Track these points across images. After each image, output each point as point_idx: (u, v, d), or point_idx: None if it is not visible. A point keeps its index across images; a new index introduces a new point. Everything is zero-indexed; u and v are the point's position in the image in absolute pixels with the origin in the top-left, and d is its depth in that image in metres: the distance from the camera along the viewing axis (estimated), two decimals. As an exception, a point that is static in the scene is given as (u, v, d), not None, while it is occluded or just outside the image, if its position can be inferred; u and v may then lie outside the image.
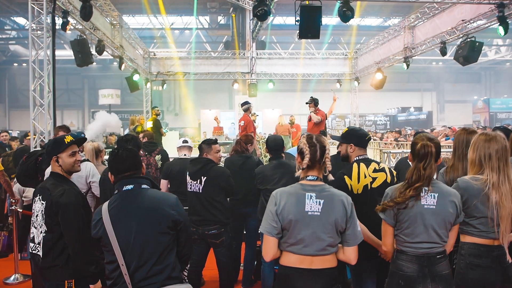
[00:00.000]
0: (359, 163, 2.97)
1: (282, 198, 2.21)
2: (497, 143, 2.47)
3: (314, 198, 2.19)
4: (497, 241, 2.45)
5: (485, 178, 2.44)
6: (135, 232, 2.15)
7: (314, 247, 2.18)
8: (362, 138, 3.04)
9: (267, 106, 20.66)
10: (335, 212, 2.19)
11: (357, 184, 2.90)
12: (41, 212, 2.61)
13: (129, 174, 2.30)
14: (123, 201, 2.22)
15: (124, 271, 2.12)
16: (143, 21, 25.41)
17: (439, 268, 2.34)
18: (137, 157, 2.37)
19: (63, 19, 8.19)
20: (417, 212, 2.33)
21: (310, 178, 2.26)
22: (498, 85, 35.49)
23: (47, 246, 2.58)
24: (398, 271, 2.39)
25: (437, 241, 2.34)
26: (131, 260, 2.13)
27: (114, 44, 11.90)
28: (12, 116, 31.43)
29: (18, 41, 27.66)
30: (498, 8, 8.59)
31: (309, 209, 2.18)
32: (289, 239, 2.21)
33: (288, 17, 24.51)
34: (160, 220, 2.19)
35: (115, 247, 2.13)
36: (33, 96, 7.63)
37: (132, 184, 2.26)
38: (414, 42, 12.71)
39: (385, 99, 29.40)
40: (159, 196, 2.29)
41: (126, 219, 2.17)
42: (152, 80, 16.10)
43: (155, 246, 2.16)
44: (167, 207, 2.23)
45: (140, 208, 2.19)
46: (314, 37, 7.90)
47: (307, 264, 2.19)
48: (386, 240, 2.45)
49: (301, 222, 2.17)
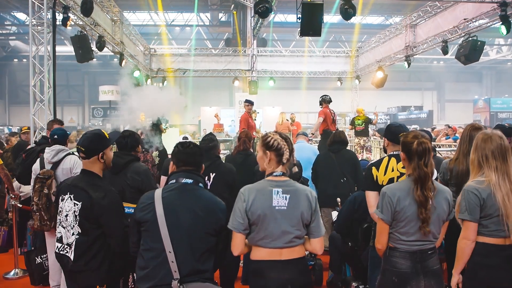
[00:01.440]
0: (391, 157, 3.06)
1: (250, 195, 2.26)
2: (493, 142, 2.46)
3: (280, 193, 2.26)
4: (508, 240, 2.42)
5: (487, 178, 2.44)
6: (187, 225, 2.18)
7: (282, 240, 2.26)
8: (394, 134, 3.07)
9: (267, 104, 20.61)
10: (300, 206, 2.28)
11: (383, 176, 2.99)
12: (73, 212, 2.49)
13: (191, 168, 2.35)
14: (181, 192, 2.26)
15: (171, 258, 2.12)
16: (144, 18, 25.38)
17: (431, 264, 2.38)
18: (203, 155, 2.45)
19: (63, 15, 8.17)
20: (414, 212, 2.33)
21: (276, 174, 2.32)
22: (499, 84, 35.45)
23: (80, 249, 2.49)
24: (392, 268, 2.40)
25: (430, 239, 2.38)
26: (178, 250, 2.14)
27: (115, 40, 11.88)
28: (12, 112, 31.41)
29: (18, 37, 27.57)
30: (500, 7, 8.55)
31: (276, 204, 2.25)
32: (258, 234, 2.27)
33: (289, 14, 24.47)
34: (211, 221, 2.24)
35: (163, 233, 2.14)
36: (33, 91, 7.63)
37: (192, 179, 2.32)
38: (416, 40, 12.68)
39: (385, 98, 29.34)
40: (213, 198, 2.35)
41: (180, 210, 2.21)
42: (153, 77, 16.07)
43: (201, 244, 2.20)
44: (219, 211, 2.29)
45: (196, 204, 2.24)
46: (316, 34, 7.88)
47: (276, 256, 2.26)
48: (382, 239, 2.45)
49: (269, 217, 2.24)
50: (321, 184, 5.01)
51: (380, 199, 2.43)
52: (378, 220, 2.43)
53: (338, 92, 17.23)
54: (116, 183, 3.57)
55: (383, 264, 2.49)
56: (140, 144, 3.90)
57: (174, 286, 2.10)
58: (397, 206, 2.35)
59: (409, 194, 2.36)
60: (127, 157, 3.61)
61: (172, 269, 2.11)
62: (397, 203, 2.35)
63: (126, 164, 3.58)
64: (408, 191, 2.36)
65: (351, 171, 4.97)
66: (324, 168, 5.04)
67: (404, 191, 2.38)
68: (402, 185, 2.41)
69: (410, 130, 2.94)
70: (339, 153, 5.08)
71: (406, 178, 2.46)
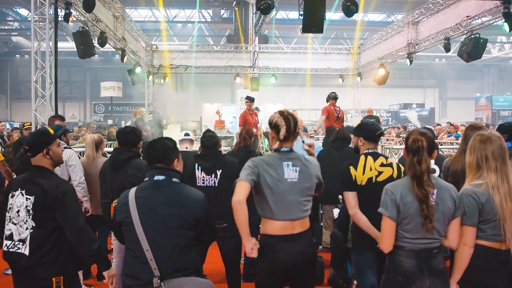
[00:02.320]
0: (367, 156, 3.02)
1: (259, 164, 2.37)
2: (492, 143, 2.42)
3: (291, 166, 2.40)
4: (504, 244, 2.40)
5: (485, 181, 2.40)
6: (161, 223, 2.21)
7: (296, 212, 2.40)
8: (371, 132, 3.08)
9: (269, 101, 20.59)
10: (310, 177, 2.45)
11: (362, 176, 2.94)
12: (25, 207, 2.49)
13: (162, 165, 2.36)
14: (153, 191, 2.29)
15: (150, 256, 2.17)
16: (146, 14, 25.33)
17: (436, 263, 2.35)
18: (171, 149, 2.42)
19: (65, 11, 8.15)
20: (417, 208, 2.31)
21: (284, 149, 2.45)
22: (501, 82, 35.32)
23: (35, 243, 2.47)
24: (397, 266, 2.37)
25: (435, 237, 2.34)
26: (155, 248, 2.18)
27: (117, 37, 11.87)
28: (14, 108, 31.45)
29: (20, 33, 27.55)
30: (503, 4, 8.49)
31: (288, 176, 2.38)
32: (272, 205, 2.37)
33: (291, 11, 24.38)
34: (186, 215, 2.24)
35: (139, 233, 2.19)
36: (35, 87, 7.63)
37: (163, 176, 2.32)
38: (418, 38, 12.65)
39: (387, 95, 29.29)
40: (187, 191, 2.34)
41: (154, 208, 2.24)
42: (154, 73, 16.06)
43: (179, 239, 2.23)
44: (192, 204, 2.28)
45: (167, 200, 2.26)
46: (318, 31, 7.85)
47: (289, 230, 2.39)
48: (389, 239, 2.37)
49: (282, 189, 2.35)
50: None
51: (383, 197, 2.41)
52: (384, 218, 2.38)
53: (340, 89, 17.05)
54: (117, 179, 3.57)
55: (387, 263, 2.46)
56: (141, 140, 3.90)
57: (155, 283, 2.15)
58: (401, 202, 2.33)
59: (411, 190, 2.34)
60: (128, 153, 3.60)
61: (152, 267, 2.16)
62: (400, 199, 2.34)
63: (127, 160, 3.57)
64: (410, 187, 2.35)
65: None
66: (326, 164, 4.99)
67: (406, 187, 2.36)
68: (405, 182, 2.40)
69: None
70: (342, 150, 5.05)
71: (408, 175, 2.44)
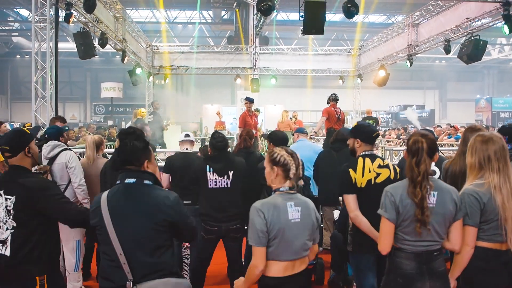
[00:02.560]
0: (364, 158, 3.02)
1: (268, 210, 2.29)
2: (495, 143, 2.42)
3: (293, 206, 2.35)
4: (504, 245, 2.40)
5: (487, 181, 2.40)
6: (133, 226, 2.18)
7: (298, 252, 2.36)
8: (369, 134, 3.09)
9: (269, 102, 20.60)
10: (311, 217, 2.40)
11: (361, 178, 2.95)
12: (4, 208, 2.46)
13: (132, 167, 2.31)
14: (124, 194, 2.24)
15: (123, 260, 2.14)
16: (146, 15, 25.35)
17: (436, 265, 2.33)
18: (141, 151, 2.34)
19: (66, 11, 8.16)
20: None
21: (283, 189, 2.38)
22: (501, 84, 35.34)
23: (17, 242, 2.44)
24: (397, 268, 2.36)
25: (436, 239, 2.33)
26: (128, 252, 2.16)
27: (117, 37, 11.87)
28: (14, 108, 31.43)
29: (21, 33, 27.57)
30: (503, 6, 8.53)
31: (292, 217, 2.33)
32: (277, 249, 2.31)
33: (291, 13, 24.41)
34: (158, 217, 2.21)
35: (112, 238, 2.15)
36: (35, 88, 7.64)
37: (134, 178, 2.27)
38: (418, 39, 12.67)
39: (387, 97, 29.29)
40: (158, 193, 2.28)
41: (124, 212, 2.20)
42: (155, 74, 16.07)
43: (152, 242, 2.19)
44: (165, 206, 2.23)
45: (139, 203, 2.21)
46: (318, 33, 7.85)
47: (290, 270, 2.34)
48: (387, 241, 2.37)
49: (287, 230, 2.30)
50: (322, 182, 4.98)
51: (382, 199, 2.40)
52: (383, 220, 2.38)
53: (340, 90, 17.06)
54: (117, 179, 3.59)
55: (387, 265, 2.45)
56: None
57: (128, 287, 2.13)
58: (400, 204, 2.32)
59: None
60: None
61: (125, 271, 2.14)
62: (400, 201, 2.32)
63: None
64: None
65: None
66: (326, 166, 5.01)
67: (406, 189, 2.35)
68: (405, 184, 2.39)
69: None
70: (341, 151, 5.03)
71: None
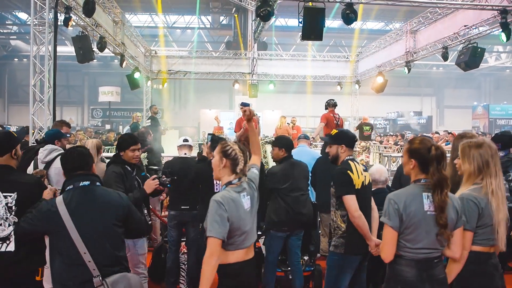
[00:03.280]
0: (353, 162, 3.14)
1: (228, 204, 2.38)
2: (490, 148, 2.46)
3: (245, 196, 2.51)
4: (493, 248, 2.44)
5: (484, 186, 2.41)
6: (94, 224, 2.37)
7: (252, 238, 2.56)
8: (352, 139, 3.30)
9: (267, 108, 20.64)
10: (257, 203, 2.60)
11: (358, 180, 3.06)
12: (4, 205, 2.53)
13: (83, 171, 2.52)
14: (82, 196, 2.43)
15: (88, 258, 2.29)
16: (145, 20, 25.40)
17: (437, 272, 2.33)
18: (88, 155, 2.59)
19: (65, 15, 8.16)
20: (421, 219, 2.29)
21: (234, 182, 2.50)
22: (497, 91, 35.52)
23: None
24: (397, 276, 2.35)
25: (437, 247, 2.33)
26: (92, 249, 2.31)
27: (116, 41, 11.88)
28: (11, 111, 31.35)
29: (19, 36, 27.58)
30: (501, 14, 8.58)
31: (246, 207, 2.49)
32: (238, 237, 2.44)
33: (290, 18, 24.52)
34: (115, 214, 2.46)
35: (75, 238, 2.29)
36: (33, 91, 7.61)
37: (88, 181, 2.49)
38: (416, 46, 12.73)
39: (385, 103, 29.38)
40: (111, 193, 2.59)
41: (85, 212, 2.38)
42: (153, 79, 16.07)
43: (112, 238, 2.42)
44: (119, 203, 2.53)
45: (99, 202, 2.45)
46: (317, 39, 7.89)
47: (249, 255, 2.51)
48: (390, 249, 2.33)
49: (244, 219, 2.46)
50: (319, 188, 4.96)
51: (385, 206, 2.37)
52: (387, 228, 2.36)
53: (338, 96, 17.11)
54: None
55: (387, 272, 2.44)
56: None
57: (96, 283, 2.28)
58: (404, 212, 2.31)
59: (415, 200, 2.32)
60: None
61: (90, 268, 2.29)
62: (403, 208, 2.31)
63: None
64: (415, 196, 2.33)
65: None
66: (323, 172, 4.99)
67: (411, 196, 2.34)
68: (409, 191, 2.38)
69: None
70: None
71: (412, 184, 2.42)
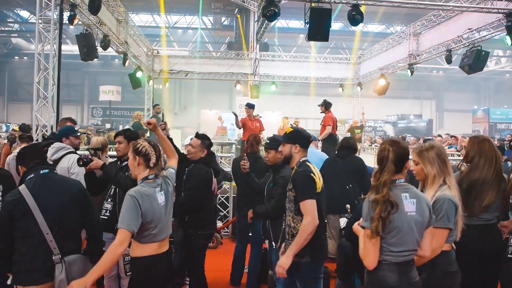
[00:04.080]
0: (310, 163, 2.97)
1: (142, 198, 2.49)
2: (441, 147, 2.55)
3: (159, 192, 2.62)
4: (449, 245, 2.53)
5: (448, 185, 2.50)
6: (58, 207, 2.60)
7: (166, 232, 2.68)
8: (307, 139, 3.05)
9: (268, 109, 20.59)
10: (172, 198, 2.74)
11: (319, 182, 2.90)
12: None
13: (41, 160, 2.78)
14: (44, 182, 2.65)
15: (50, 238, 2.51)
16: (146, 19, 25.36)
17: (414, 275, 2.25)
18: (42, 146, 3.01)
19: (70, 12, 8.14)
20: (404, 220, 2.19)
21: (151, 177, 2.64)
22: (497, 95, 35.59)
23: None
24: (380, 282, 2.21)
25: (415, 248, 2.25)
26: (54, 230, 2.54)
27: (119, 40, 11.85)
28: (11, 109, 31.25)
29: (20, 34, 27.52)
30: (506, 17, 8.57)
31: (160, 201, 2.61)
32: (152, 230, 2.55)
33: (291, 20, 24.50)
34: (75, 197, 2.73)
35: (39, 220, 2.50)
36: (37, 88, 7.57)
37: (47, 169, 2.74)
38: (419, 49, 12.72)
39: (385, 106, 29.39)
40: (68, 179, 3.00)
41: (48, 196, 2.60)
42: (155, 78, 16.03)
43: (72, 220, 2.69)
44: (77, 188, 2.83)
45: (58, 188, 2.69)
46: (323, 39, 7.87)
47: (162, 249, 2.63)
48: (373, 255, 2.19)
49: (158, 213, 2.58)
50: (327, 189, 4.90)
51: (366, 211, 2.23)
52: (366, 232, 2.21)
53: (339, 98, 17.24)
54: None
55: (366, 279, 2.29)
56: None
57: (56, 260, 2.53)
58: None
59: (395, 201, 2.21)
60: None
61: (51, 247, 2.53)
62: None
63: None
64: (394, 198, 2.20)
65: (357, 178, 4.87)
66: (330, 173, 4.94)
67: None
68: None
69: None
70: (347, 159, 5.01)
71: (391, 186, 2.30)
